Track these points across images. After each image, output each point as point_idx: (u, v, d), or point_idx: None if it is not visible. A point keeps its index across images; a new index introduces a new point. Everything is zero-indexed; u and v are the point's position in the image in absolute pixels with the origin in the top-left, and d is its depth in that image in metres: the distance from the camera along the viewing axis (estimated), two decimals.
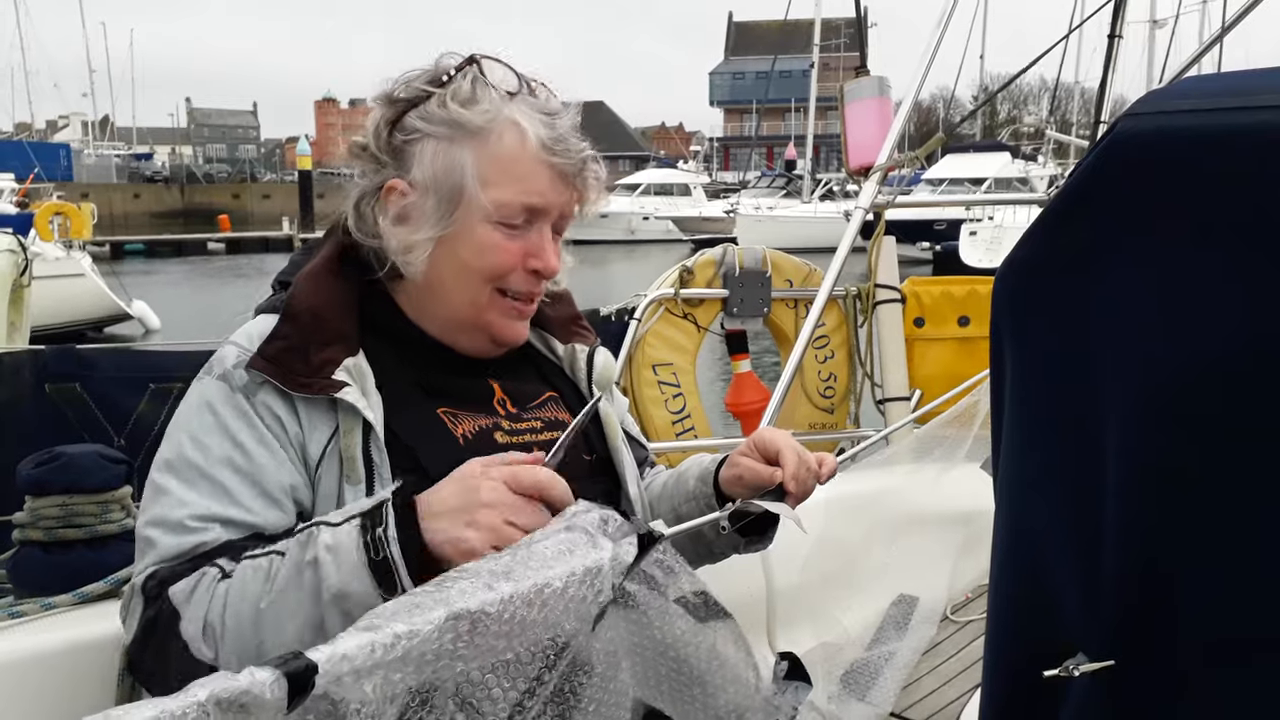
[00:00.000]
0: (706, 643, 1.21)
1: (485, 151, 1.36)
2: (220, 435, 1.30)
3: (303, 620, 1.14)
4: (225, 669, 1.06)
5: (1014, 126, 53.41)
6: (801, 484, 1.42)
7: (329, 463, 1.31)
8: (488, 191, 1.36)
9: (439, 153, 1.37)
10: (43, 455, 1.89)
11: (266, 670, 0.81)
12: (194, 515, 1.26)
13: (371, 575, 1.13)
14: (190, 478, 1.28)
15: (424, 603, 0.94)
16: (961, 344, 4.33)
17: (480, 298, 1.41)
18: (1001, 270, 1.21)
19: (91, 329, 15.35)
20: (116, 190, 51.48)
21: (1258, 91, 1.00)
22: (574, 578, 1.02)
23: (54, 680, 1.65)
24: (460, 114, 1.36)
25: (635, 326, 4.25)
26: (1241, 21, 3.88)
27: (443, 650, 0.93)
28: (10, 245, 6.86)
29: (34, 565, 1.86)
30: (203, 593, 1.20)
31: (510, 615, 0.97)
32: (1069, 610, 1.15)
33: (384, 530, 1.14)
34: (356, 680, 0.87)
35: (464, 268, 1.39)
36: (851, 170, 3.89)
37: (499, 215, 1.37)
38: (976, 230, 24.84)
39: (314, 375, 1.32)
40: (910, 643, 2.21)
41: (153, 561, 1.26)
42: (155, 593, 1.22)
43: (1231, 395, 0.99)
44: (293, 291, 1.40)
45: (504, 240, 1.38)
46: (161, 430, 1.37)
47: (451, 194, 1.37)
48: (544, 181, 1.38)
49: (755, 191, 41.53)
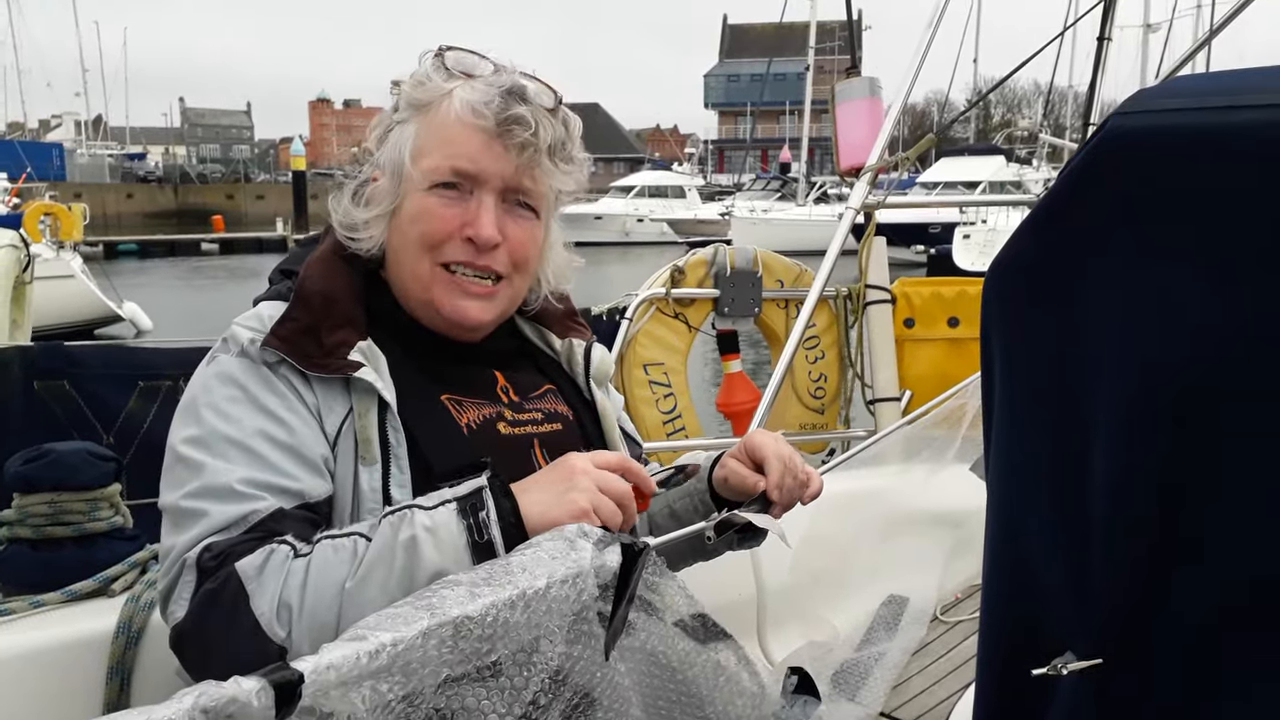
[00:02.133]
0: (710, 664, 1.22)
1: (423, 123, 1.40)
2: (250, 407, 1.29)
3: (387, 604, 1.12)
4: (296, 652, 1.06)
5: (1008, 130, 53.50)
6: (786, 494, 1.42)
7: (344, 444, 1.31)
8: (420, 160, 1.38)
9: (394, 134, 1.42)
10: (31, 452, 1.88)
11: (253, 679, 0.81)
12: (242, 481, 1.23)
13: (473, 558, 1.13)
14: (224, 450, 1.25)
15: (408, 613, 0.94)
16: (951, 345, 4.34)
17: (422, 270, 1.41)
18: (991, 270, 1.21)
19: (81, 331, 15.16)
20: (110, 190, 51.43)
21: (1245, 91, 1.00)
22: (554, 579, 1.03)
23: (42, 678, 1.64)
24: (411, 95, 1.41)
25: (627, 326, 4.24)
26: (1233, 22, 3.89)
27: (428, 657, 0.93)
28: (12, 241, 6.82)
29: (22, 563, 1.85)
30: (275, 570, 1.16)
31: (493, 618, 0.97)
32: (1058, 609, 1.15)
33: (485, 514, 1.15)
34: (345, 692, 0.86)
35: (404, 239, 1.41)
36: (842, 171, 3.90)
37: (429, 180, 1.38)
38: (970, 233, 24.86)
39: (329, 356, 1.32)
40: (900, 643, 2.21)
41: (204, 533, 1.21)
42: (213, 566, 1.18)
43: (1220, 395, 0.99)
44: (303, 275, 1.41)
45: (438, 206, 1.38)
46: (151, 428, 1.37)
47: (395, 169, 1.40)
48: (474, 145, 1.38)
49: (750, 194, 41.54)
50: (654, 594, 1.15)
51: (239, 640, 1.13)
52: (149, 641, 1.70)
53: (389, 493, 1.30)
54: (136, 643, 1.69)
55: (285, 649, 1.11)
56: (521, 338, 1.60)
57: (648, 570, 1.12)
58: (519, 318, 1.60)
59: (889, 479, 2.22)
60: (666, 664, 1.18)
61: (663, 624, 1.16)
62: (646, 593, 1.13)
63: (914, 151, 3.88)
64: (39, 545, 1.85)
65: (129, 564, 1.85)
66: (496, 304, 1.45)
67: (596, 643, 1.08)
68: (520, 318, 1.60)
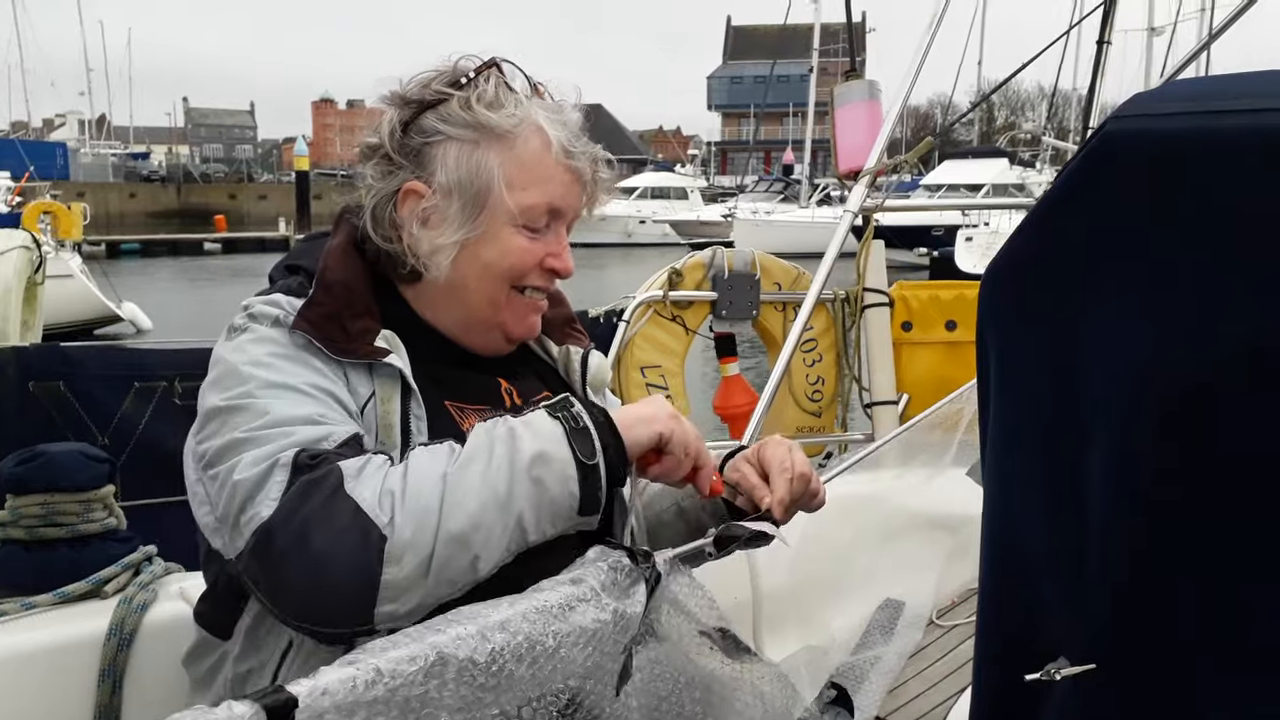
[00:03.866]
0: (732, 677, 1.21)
1: (511, 155, 1.37)
2: (294, 363, 1.28)
3: (489, 494, 1.14)
4: (399, 538, 1.08)
5: (1012, 133, 53.52)
6: (789, 511, 1.41)
7: (365, 428, 1.30)
8: (514, 195, 1.37)
9: (463, 155, 1.37)
10: (24, 453, 1.88)
11: (245, 704, 0.79)
12: (315, 413, 1.23)
13: (570, 441, 1.19)
14: (280, 394, 1.24)
15: (410, 646, 0.92)
16: (949, 348, 4.33)
17: (499, 297, 1.42)
18: (987, 274, 1.20)
19: (80, 331, 15.02)
20: (113, 189, 51.49)
21: (1243, 94, 1.00)
22: (568, 639, 1.02)
23: (34, 680, 1.64)
24: (486, 117, 1.37)
25: (624, 328, 4.23)
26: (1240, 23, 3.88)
27: (428, 697, 0.91)
28: (25, 242, 6.83)
29: (15, 564, 1.85)
30: (374, 470, 1.16)
31: (499, 668, 0.96)
32: (1052, 614, 1.14)
33: (576, 410, 1.23)
34: (337, 719, 0.85)
35: (486, 269, 1.40)
36: (841, 174, 3.89)
37: (525, 219, 1.39)
38: (973, 236, 24.84)
39: (354, 341, 1.32)
40: (896, 647, 2.21)
41: (296, 444, 1.18)
42: (310, 464, 1.16)
43: (1216, 400, 0.99)
44: (324, 265, 1.40)
45: (527, 243, 1.40)
46: (146, 429, 1.36)
47: (477, 197, 1.37)
48: (566, 185, 1.41)
49: (753, 196, 41.54)
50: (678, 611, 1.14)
51: (341, 520, 1.11)
52: (141, 644, 1.70)
53: None
54: (129, 645, 1.69)
55: (386, 536, 1.10)
56: (522, 345, 1.60)
57: (676, 582, 1.12)
58: None
59: (886, 483, 2.22)
60: (685, 678, 1.18)
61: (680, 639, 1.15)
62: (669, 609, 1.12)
63: (913, 155, 3.88)
64: (32, 546, 1.85)
65: (122, 566, 1.85)
66: (542, 313, 1.51)
67: (609, 676, 1.08)
68: None
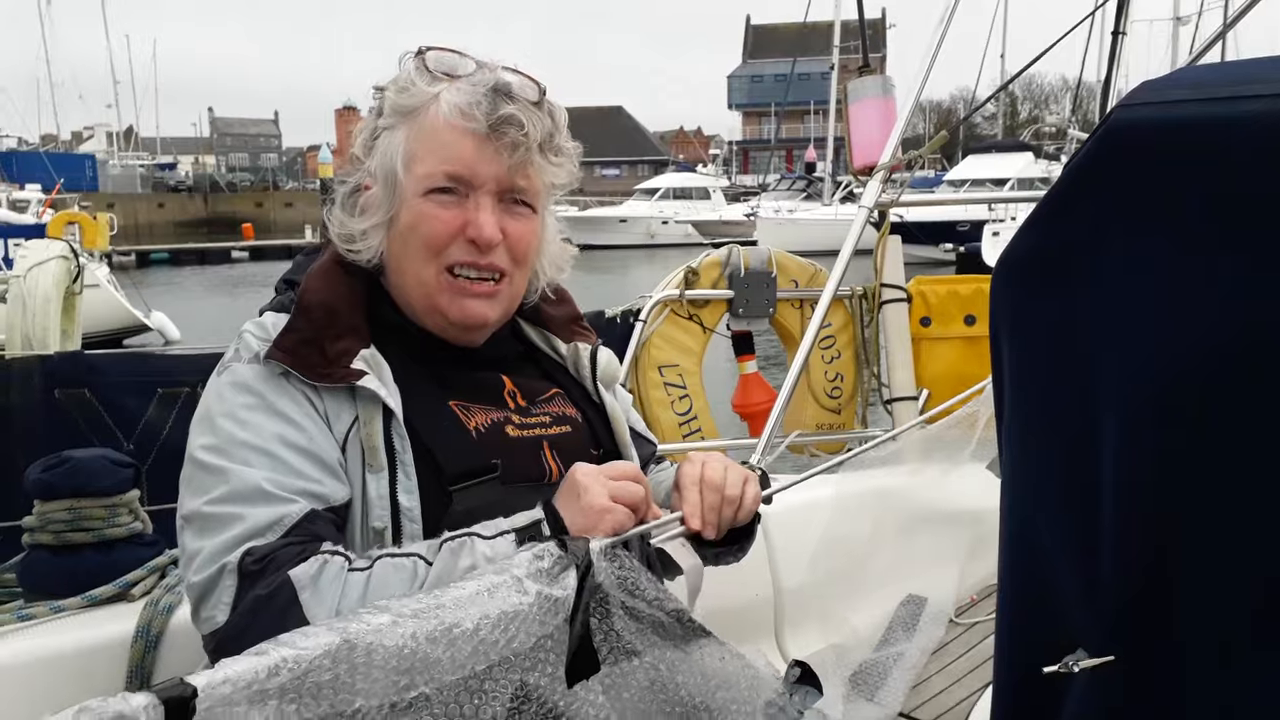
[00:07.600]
0: (698, 665, 1.20)
1: (414, 129, 1.39)
2: (266, 413, 1.30)
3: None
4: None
5: (1036, 126, 53.02)
6: (708, 521, 1.38)
7: (351, 452, 1.32)
8: (413, 167, 1.39)
9: (383, 141, 1.42)
10: (51, 459, 1.91)
11: (143, 695, 0.78)
12: (272, 482, 1.24)
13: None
14: (245, 456, 1.26)
15: (318, 633, 0.92)
16: (968, 343, 4.28)
17: (427, 276, 1.41)
18: (998, 266, 1.20)
19: (109, 341, 15.03)
20: (141, 200, 52.05)
21: (1252, 81, 0.99)
22: (486, 620, 1.01)
23: (62, 682, 1.66)
24: (396, 100, 1.41)
25: (641, 328, 4.21)
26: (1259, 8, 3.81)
27: (339, 683, 0.90)
28: (63, 251, 6.90)
29: (43, 568, 1.88)
30: (330, 580, 1.17)
31: (411, 650, 0.94)
32: (1070, 607, 1.14)
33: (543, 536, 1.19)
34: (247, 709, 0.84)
35: (405, 246, 1.41)
36: (856, 170, 3.86)
37: (424, 186, 1.38)
38: (999, 230, 24.61)
39: (332, 365, 1.33)
40: (919, 643, 2.20)
41: (242, 536, 1.21)
42: (257, 571, 1.18)
43: (1228, 388, 0.98)
44: (304, 287, 1.42)
45: (436, 210, 1.39)
46: (170, 434, 1.38)
47: (388, 177, 1.41)
48: (466, 149, 1.38)
49: (775, 194, 41.37)
50: (633, 596, 1.14)
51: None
52: (168, 645, 1.72)
53: (397, 499, 1.31)
54: (155, 647, 1.71)
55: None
56: (526, 342, 1.61)
57: (623, 571, 1.11)
58: (523, 321, 1.61)
59: (905, 478, 2.21)
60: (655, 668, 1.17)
61: (644, 625, 1.14)
62: (625, 595, 1.12)
63: (927, 149, 3.84)
64: (59, 551, 1.88)
65: (148, 569, 1.87)
66: (500, 301, 1.46)
67: (557, 670, 1.07)
68: (524, 322, 1.61)
